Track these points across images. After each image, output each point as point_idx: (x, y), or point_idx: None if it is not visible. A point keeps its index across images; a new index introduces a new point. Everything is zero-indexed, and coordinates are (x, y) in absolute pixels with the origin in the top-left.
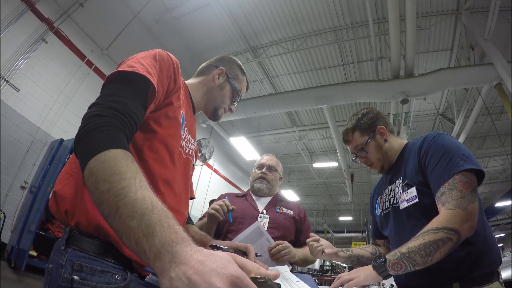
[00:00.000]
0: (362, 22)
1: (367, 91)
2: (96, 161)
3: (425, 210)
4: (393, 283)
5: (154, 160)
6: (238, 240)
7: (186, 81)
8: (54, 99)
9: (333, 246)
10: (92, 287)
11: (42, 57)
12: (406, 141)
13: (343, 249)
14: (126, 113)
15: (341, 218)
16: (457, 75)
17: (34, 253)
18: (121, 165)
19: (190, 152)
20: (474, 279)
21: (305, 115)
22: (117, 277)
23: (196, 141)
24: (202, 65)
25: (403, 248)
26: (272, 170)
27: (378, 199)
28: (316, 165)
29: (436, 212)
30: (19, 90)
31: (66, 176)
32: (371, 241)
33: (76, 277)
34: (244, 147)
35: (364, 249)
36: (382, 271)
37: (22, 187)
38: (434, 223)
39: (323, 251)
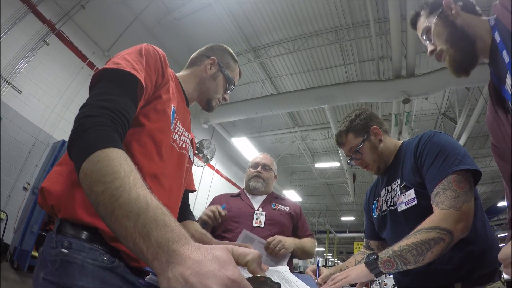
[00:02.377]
0: (363, 22)
1: (369, 91)
2: (90, 163)
3: (423, 212)
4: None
5: (141, 155)
6: None
7: (177, 74)
8: (56, 101)
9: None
10: (79, 260)
11: (44, 59)
12: (402, 141)
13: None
14: (117, 111)
15: (343, 218)
16: None
17: (36, 254)
18: (114, 164)
19: (184, 146)
20: (476, 279)
21: (307, 115)
22: (105, 257)
23: (198, 142)
24: (192, 55)
25: (396, 246)
26: (266, 168)
27: (375, 201)
28: (318, 165)
29: None
30: (21, 92)
31: (56, 175)
32: (364, 242)
33: (64, 251)
34: (246, 148)
35: (355, 258)
36: (374, 268)
37: (25, 188)
38: (427, 222)
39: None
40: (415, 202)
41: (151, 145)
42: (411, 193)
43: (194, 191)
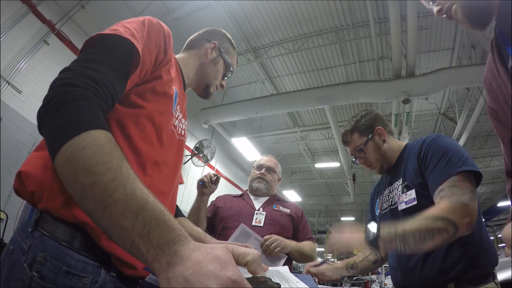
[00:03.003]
0: (363, 22)
1: (369, 91)
2: (74, 147)
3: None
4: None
5: (140, 138)
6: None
7: (176, 55)
8: None
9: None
10: None
11: (44, 58)
12: (406, 143)
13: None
14: (103, 85)
15: (343, 219)
16: (459, 75)
17: None
18: (104, 152)
19: (183, 133)
20: (469, 279)
21: (307, 115)
22: (86, 280)
23: (198, 142)
24: (190, 38)
25: (399, 228)
26: (271, 171)
27: (378, 200)
28: (318, 165)
29: None
30: (21, 91)
31: (38, 160)
32: None
33: (35, 274)
34: (246, 148)
35: (363, 253)
36: (373, 245)
37: None
38: (435, 210)
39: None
40: (415, 202)
41: (150, 129)
42: (412, 193)
43: (182, 183)
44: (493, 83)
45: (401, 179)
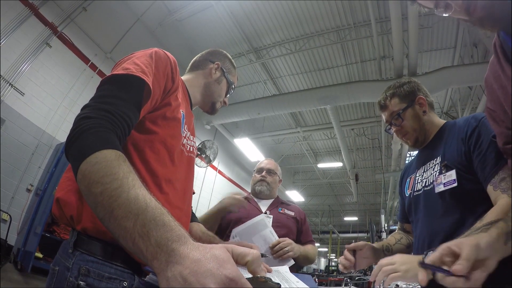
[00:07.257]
0: (365, 22)
1: (371, 90)
2: (88, 164)
3: (463, 197)
4: (398, 283)
5: (155, 161)
6: (241, 229)
7: (181, 77)
8: (58, 103)
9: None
10: None
11: (46, 61)
12: (445, 121)
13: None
14: (117, 114)
15: (346, 219)
16: (461, 73)
17: (40, 255)
18: (112, 165)
19: (192, 150)
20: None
21: (309, 115)
22: (125, 284)
23: (200, 143)
24: (194, 59)
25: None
26: (271, 173)
27: (408, 179)
28: (321, 165)
29: (475, 201)
30: (24, 94)
31: (69, 182)
32: (398, 225)
33: (82, 283)
34: (249, 148)
35: (395, 237)
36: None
37: (28, 190)
38: (501, 212)
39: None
40: (455, 184)
41: (163, 152)
42: (452, 174)
43: (193, 193)
44: (495, 84)
45: (439, 157)
